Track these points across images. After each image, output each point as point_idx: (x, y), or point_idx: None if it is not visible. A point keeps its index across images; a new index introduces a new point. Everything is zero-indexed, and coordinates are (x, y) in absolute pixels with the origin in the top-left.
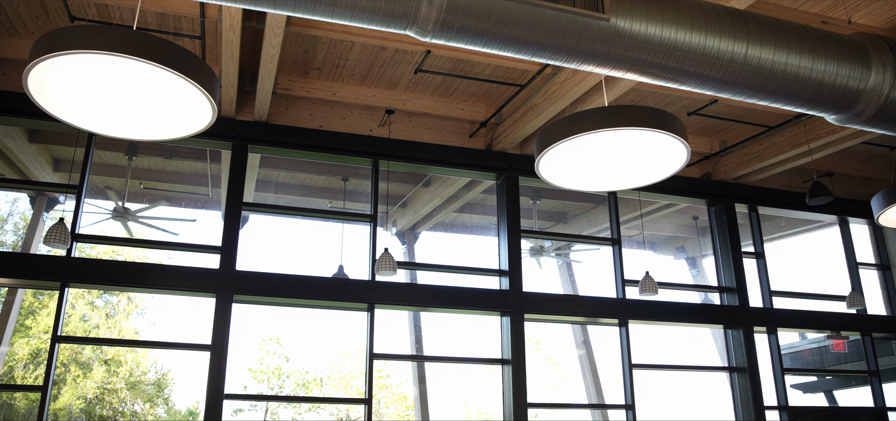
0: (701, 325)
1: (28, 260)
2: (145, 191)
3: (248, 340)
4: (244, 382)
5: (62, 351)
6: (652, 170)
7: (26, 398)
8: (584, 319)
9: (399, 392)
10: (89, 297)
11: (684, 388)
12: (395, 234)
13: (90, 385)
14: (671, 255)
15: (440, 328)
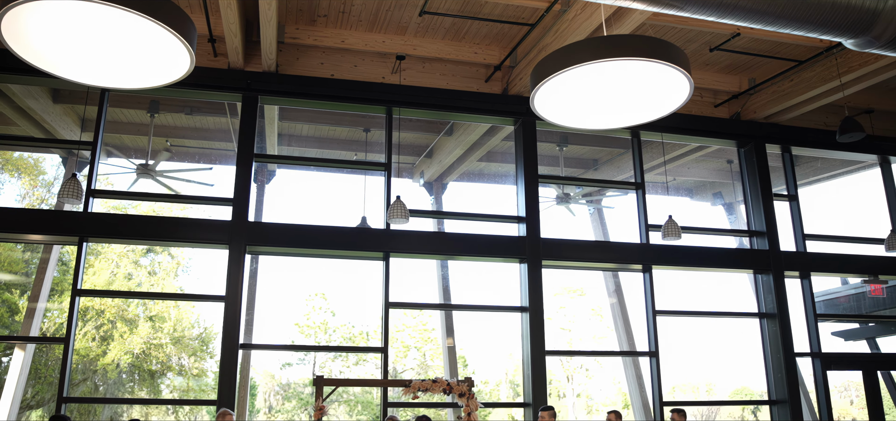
0: (728, 270)
1: (46, 216)
2: (173, 148)
3: (294, 295)
4: (292, 336)
5: (108, 308)
6: (656, 105)
7: (77, 354)
8: (604, 264)
9: (442, 343)
10: (133, 255)
11: (714, 335)
12: (422, 184)
13: (136, 341)
14: (707, 201)
15: (467, 278)
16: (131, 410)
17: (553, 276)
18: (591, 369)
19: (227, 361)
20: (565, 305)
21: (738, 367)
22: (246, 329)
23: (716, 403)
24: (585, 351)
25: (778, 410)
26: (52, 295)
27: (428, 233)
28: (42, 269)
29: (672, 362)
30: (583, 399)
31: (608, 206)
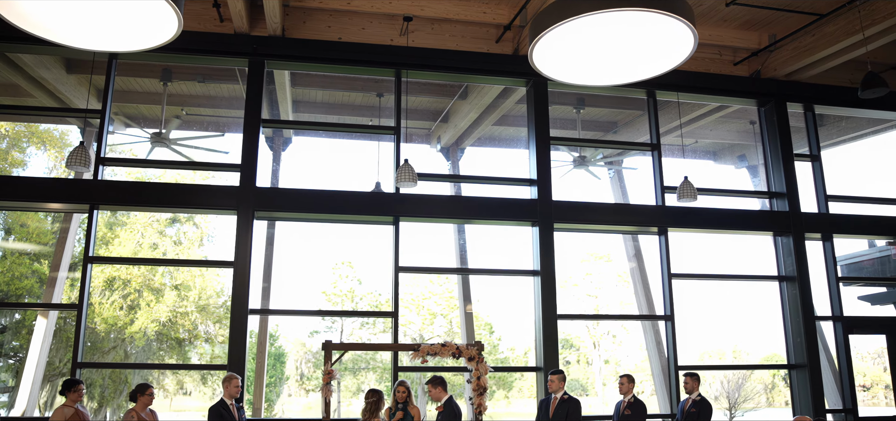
0: (747, 232)
1: (57, 184)
2: (188, 116)
3: (313, 262)
4: (319, 305)
5: (135, 278)
6: (661, 61)
7: (105, 323)
8: (618, 227)
9: (468, 311)
10: (158, 226)
11: (736, 300)
12: (439, 150)
13: (162, 310)
14: (731, 164)
15: (484, 244)
16: (162, 376)
17: (578, 242)
18: (618, 336)
19: (236, 326)
20: (592, 272)
21: (759, 332)
22: (263, 296)
23: (732, 367)
24: (600, 315)
25: (797, 374)
26: (74, 265)
27: (437, 196)
28: (62, 239)
29: (695, 328)
30: (612, 365)
31: (630, 168)
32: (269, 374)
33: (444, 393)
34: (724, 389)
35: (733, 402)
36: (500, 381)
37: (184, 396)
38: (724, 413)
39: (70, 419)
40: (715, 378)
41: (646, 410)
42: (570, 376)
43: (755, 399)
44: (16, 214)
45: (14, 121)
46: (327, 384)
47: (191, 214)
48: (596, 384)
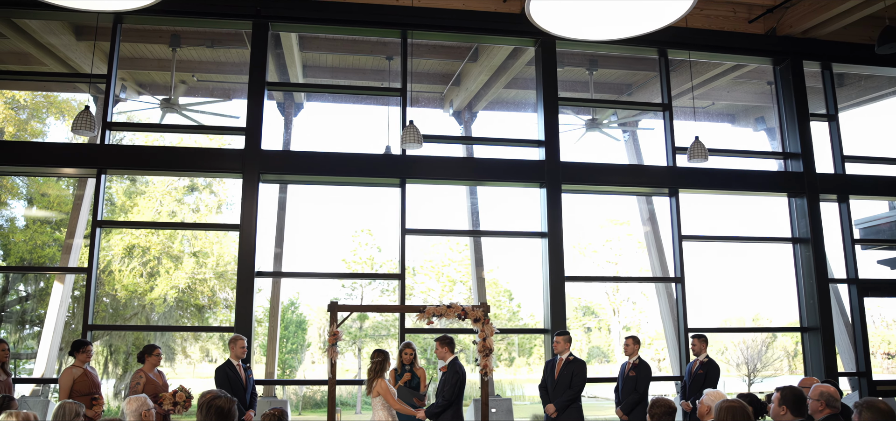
0: (760, 193)
1: (65, 149)
2: (199, 83)
3: (338, 229)
4: (341, 281)
5: (154, 246)
6: (662, 15)
7: (125, 290)
8: (627, 188)
9: (490, 278)
10: (177, 194)
11: (751, 265)
12: (451, 114)
13: (181, 276)
14: (749, 126)
15: (497, 206)
16: (186, 343)
17: (596, 207)
18: (638, 303)
19: (243, 289)
20: (611, 238)
21: (778, 298)
22: (275, 260)
23: (742, 330)
24: (607, 277)
25: (810, 337)
26: (89, 232)
27: (443, 158)
28: (77, 206)
29: (715, 295)
30: (633, 332)
31: (647, 128)
32: (290, 341)
33: (449, 353)
34: (744, 355)
35: (752, 368)
36: (521, 348)
37: (210, 362)
38: (743, 380)
39: (79, 380)
40: (735, 345)
41: (650, 371)
42: (590, 343)
43: (775, 365)
44: (37, 183)
45: (21, 88)
46: (332, 345)
47: (196, 177)
48: (616, 351)
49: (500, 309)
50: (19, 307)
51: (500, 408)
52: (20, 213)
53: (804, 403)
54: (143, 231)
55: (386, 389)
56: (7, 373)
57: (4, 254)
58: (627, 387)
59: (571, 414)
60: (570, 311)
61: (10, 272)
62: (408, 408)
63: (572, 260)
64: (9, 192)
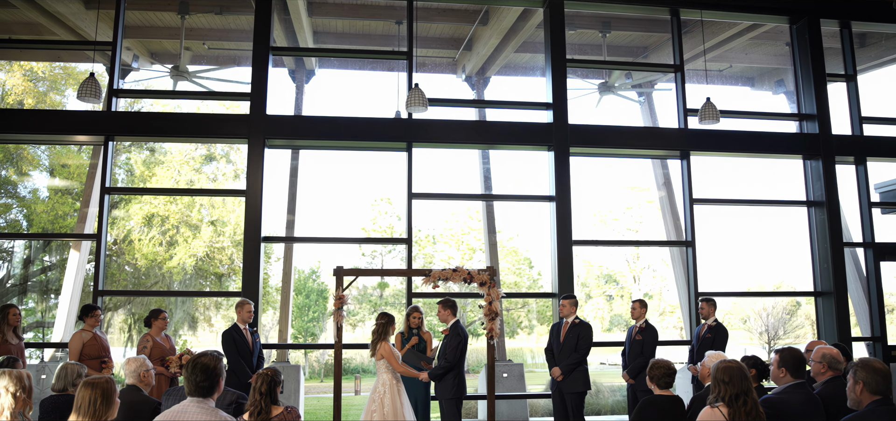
0: (773, 155)
1: (72, 117)
2: (210, 50)
3: (357, 199)
4: (360, 246)
5: (173, 214)
6: None
7: (145, 258)
8: (637, 151)
9: (510, 246)
10: (194, 163)
11: (762, 227)
12: (464, 79)
13: (200, 245)
14: (769, 89)
15: (509, 172)
16: (208, 311)
17: (617, 174)
18: (658, 270)
19: (249, 254)
20: (632, 206)
21: (791, 261)
22: (287, 227)
23: (754, 295)
24: (616, 240)
25: (823, 301)
26: (129, 205)
27: (449, 121)
28: (91, 174)
29: (711, 252)
30: (656, 300)
31: (664, 88)
32: (312, 309)
33: (452, 316)
34: (765, 323)
35: (774, 335)
36: (541, 316)
37: None
38: (763, 347)
39: (88, 343)
40: (756, 313)
41: (657, 335)
42: (612, 311)
43: (798, 332)
44: (57, 155)
45: (29, 58)
46: (338, 309)
47: (202, 143)
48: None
49: (520, 277)
50: (43, 277)
51: (512, 373)
52: (42, 183)
53: (803, 364)
54: (162, 201)
55: (389, 352)
56: (19, 338)
57: (28, 224)
58: (634, 351)
59: (577, 377)
60: (591, 279)
61: (22, 239)
62: (412, 370)
63: (593, 227)
64: (30, 163)
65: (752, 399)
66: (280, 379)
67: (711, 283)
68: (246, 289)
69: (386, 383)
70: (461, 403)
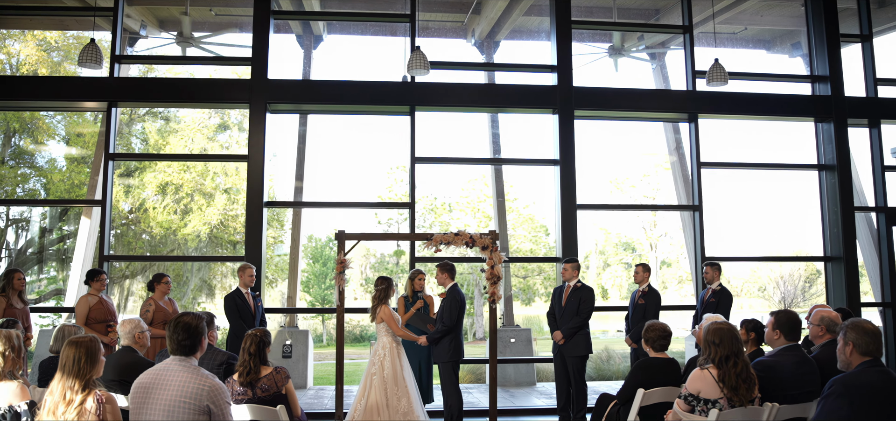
0: (784, 118)
1: (75, 82)
2: (218, 16)
3: (370, 166)
4: (374, 211)
5: (187, 183)
6: None
7: (159, 226)
8: (644, 114)
9: (527, 213)
10: (207, 132)
11: (774, 192)
12: (474, 44)
13: (214, 213)
14: (785, 53)
15: (518, 136)
16: (225, 278)
17: (634, 141)
18: (675, 238)
19: (251, 219)
20: (649, 173)
21: (803, 226)
22: (295, 193)
23: (762, 259)
24: (620, 204)
25: (833, 267)
26: (144, 173)
27: (451, 84)
28: (101, 142)
29: (719, 216)
30: (674, 268)
31: (677, 48)
32: (329, 277)
33: (449, 279)
34: (781, 291)
35: (790, 303)
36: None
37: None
38: None
39: (94, 307)
40: (772, 281)
41: (659, 298)
42: (629, 279)
43: (816, 300)
44: (73, 124)
45: (30, 26)
46: (340, 273)
47: (204, 108)
48: (654, 286)
49: (537, 244)
50: (62, 245)
51: (520, 338)
52: (59, 153)
53: (797, 327)
54: (176, 170)
55: (389, 316)
56: (24, 302)
57: (46, 193)
58: (637, 315)
59: (579, 340)
60: (609, 247)
61: (28, 206)
62: (411, 334)
63: (609, 195)
64: (46, 133)
65: (742, 360)
66: (269, 340)
67: (722, 248)
68: (248, 253)
69: (386, 346)
70: (458, 367)
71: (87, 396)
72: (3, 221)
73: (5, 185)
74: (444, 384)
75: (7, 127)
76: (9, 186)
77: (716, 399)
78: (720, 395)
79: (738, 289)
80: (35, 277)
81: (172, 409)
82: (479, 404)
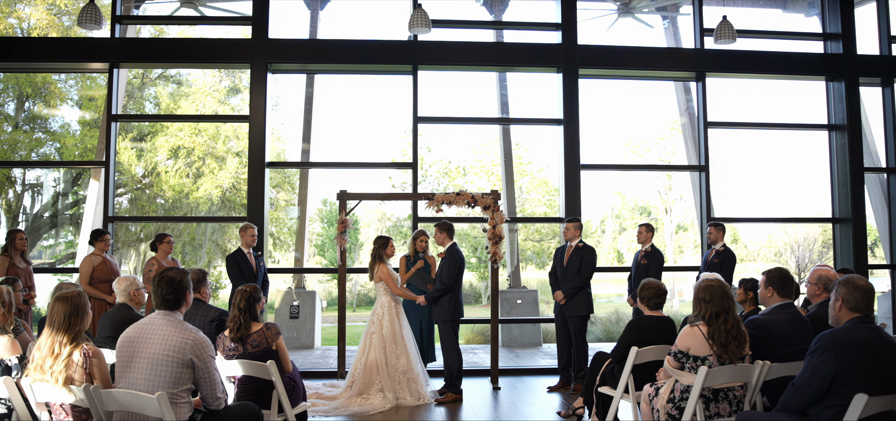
0: (793, 77)
1: (75, 44)
2: None
3: (388, 130)
4: (389, 173)
5: (198, 146)
6: None
7: (172, 190)
8: (650, 72)
9: (541, 176)
10: (218, 95)
11: (781, 152)
12: (482, 3)
13: (225, 176)
14: (801, 11)
15: (527, 95)
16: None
17: (649, 104)
18: (691, 201)
19: (253, 179)
20: (665, 136)
21: (814, 188)
22: (302, 155)
23: (770, 221)
24: (623, 164)
25: (841, 228)
26: (123, 129)
27: (454, 43)
28: (109, 106)
29: (726, 177)
30: (690, 233)
31: (687, 13)
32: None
33: (448, 239)
34: (795, 254)
35: (804, 267)
36: None
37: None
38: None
39: (98, 267)
40: (787, 246)
41: (662, 259)
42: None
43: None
44: (86, 88)
45: None
46: (342, 233)
47: (206, 68)
48: (668, 250)
49: (551, 207)
50: (77, 209)
51: (526, 299)
52: (72, 117)
53: (790, 284)
54: (187, 133)
55: (387, 274)
56: (27, 262)
57: (60, 157)
58: (639, 275)
59: (580, 300)
60: (625, 211)
61: (30, 168)
62: (410, 293)
63: (624, 158)
64: (58, 97)
65: (733, 318)
66: (259, 296)
67: (730, 209)
68: (251, 213)
69: (384, 306)
70: (457, 326)
71: (74, 350)
72: (19, 185)
73: (20, 149)
74: (444, 343)
75: (20, 91)
76: (23, 151)
77: (705, 356)
78: (710, 352)
79: (755, 254)
80: (53, 241)
81: (156, 362)
82: (483, 364)
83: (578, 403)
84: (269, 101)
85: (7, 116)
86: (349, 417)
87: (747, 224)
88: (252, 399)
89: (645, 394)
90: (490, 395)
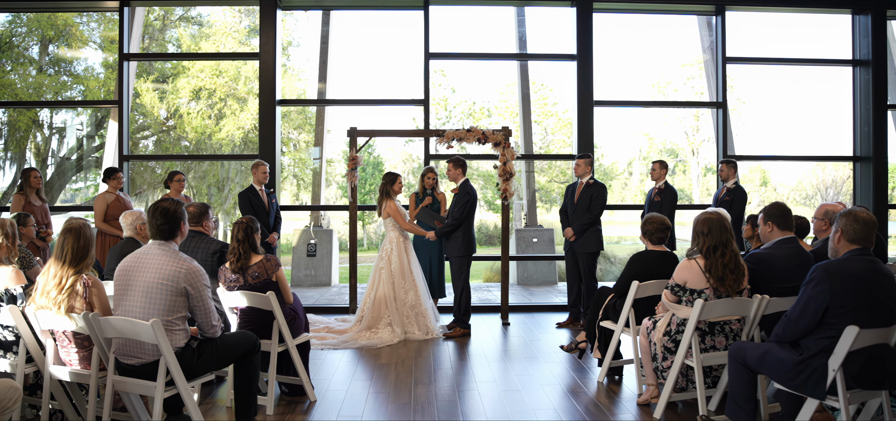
0: (818, 9)
1: None
2: None
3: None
4: (413, 113)
5: (219, 87)
6: None
7: (194, 131)
8: (667, 6)
9: (566, 117)
10: (238, 36)
11: (802, 88)
12: None
13: (247, 117)
14: None
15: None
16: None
17: (676, 43)
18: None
19: (264, 116)
20: (693, 76)
21: (835, 127)
22: (318, 95)
23: (787, 158)
24: (638, 101)
25: (861, 167)
26: (140, 72)
27: None
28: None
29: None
30: (712, 175)
31: None
32: (368, 182)
33: (461, 175)
34: (823, 198)
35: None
36: None
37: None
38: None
39: (112, 204)
40: (814, 186)
41: (676, 196)
42: (673, 184)
43: None
44: (108, 30)
45: None
46: (352, 170)
47: (215, 5)
48: (694, 191)
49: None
50: (101, 152)
51: (542, 238)
52: (96, 60)
53: (789, 217)
54: (208, 74)
55: (395, 210)
56: (42, 199)
57: (85, 98)
58: (652, 211)
59: (590, 237)
60: (653, 153)
61: (45, 108)
62: (419, 229)
63: (650, 97)
64: (80, 40)
65: (730, 251)
66: (257, 227)
67: (751, 147)
68: (262, 151)
69: (393, 241)
70: (469, 261)
71: (76, 280)
72: (47, 129)
73: (45, 92)
74: (455, 278)
75: (42, 34)
76: (49, 94)
77: (702, 289)
78: (706, 285)
79: (785, 197)
80: (82, 184)
81: (151, 290)
82: (497, 302)
83: (581, 337)
84: (290, 41)
85: (31, 60)
86: (358, 349)
87: (774, 163)
88: (254, 330)
89: (643, 327)
90: (499, 330)
